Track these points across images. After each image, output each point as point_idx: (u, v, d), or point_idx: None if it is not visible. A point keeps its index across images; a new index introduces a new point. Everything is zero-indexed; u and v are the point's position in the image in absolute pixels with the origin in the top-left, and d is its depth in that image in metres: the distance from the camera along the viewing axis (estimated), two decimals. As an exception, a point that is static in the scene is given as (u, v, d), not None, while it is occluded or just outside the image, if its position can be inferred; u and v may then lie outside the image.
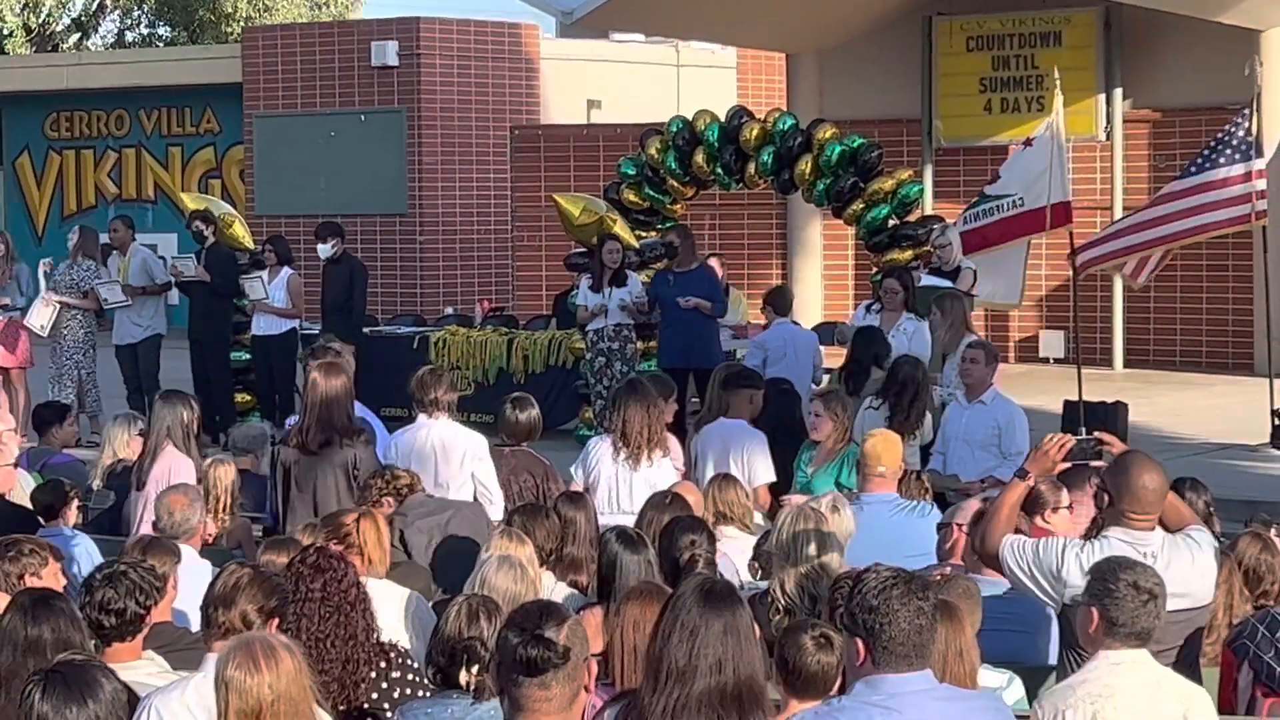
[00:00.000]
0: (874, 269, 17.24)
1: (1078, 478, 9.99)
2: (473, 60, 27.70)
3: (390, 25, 27.68)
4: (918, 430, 12.10)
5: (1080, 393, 16.04)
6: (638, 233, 18.17)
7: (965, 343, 13.52)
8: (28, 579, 7.45)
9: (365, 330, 18.80)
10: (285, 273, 18.00)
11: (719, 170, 17.94)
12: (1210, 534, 7.24)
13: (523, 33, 28.68)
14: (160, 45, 41.33)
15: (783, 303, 16.08)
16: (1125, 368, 22.21)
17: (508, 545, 7.75)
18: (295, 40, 28.37)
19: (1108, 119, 22.46)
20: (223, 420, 17.11)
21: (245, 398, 18.42)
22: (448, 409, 10.73)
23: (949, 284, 16.27)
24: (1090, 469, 10.22)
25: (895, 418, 11.89)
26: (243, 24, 37.90)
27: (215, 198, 23.03)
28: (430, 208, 27.26)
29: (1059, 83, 17.27)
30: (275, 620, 6.30)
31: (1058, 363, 22.14)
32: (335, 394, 10.17)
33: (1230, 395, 19.80)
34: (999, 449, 11.89)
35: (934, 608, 5.37)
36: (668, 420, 11.42)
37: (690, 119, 18.12)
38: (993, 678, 6.78)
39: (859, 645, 5.33)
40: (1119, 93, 22.42)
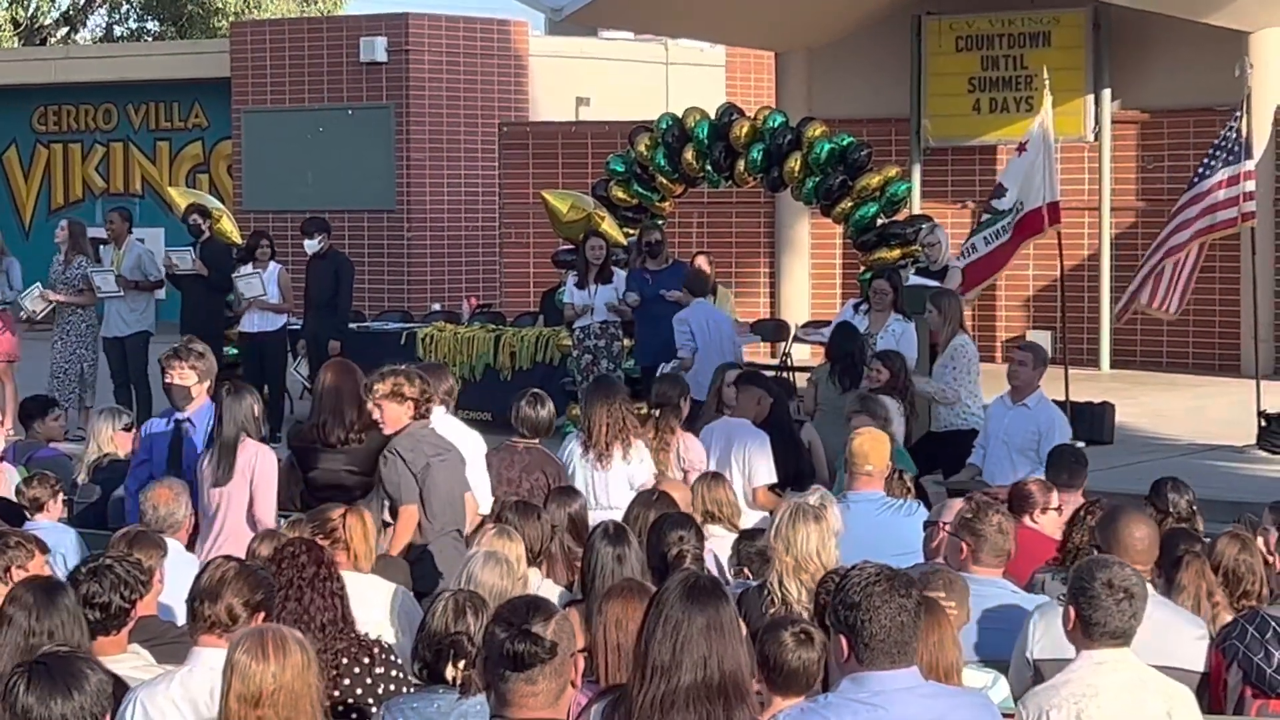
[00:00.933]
0: (862, 268, 17.25)
1: (1075, 478, 10.05)
2: (461, 56, 27.69)
3: (379, 21, 27.67)
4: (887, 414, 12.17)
5: (1067, 393, 16.06)
6: (625, 230, 18.17)
7: (954, 340, 13.65)
8: (14, 571, 7.45)
9: (352, 326, 18.80)
10: (275, 268, 18.01)
11: (708, 167, 17.93)
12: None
13: (512, 29, 28.67)
14: (148, 40, 41.29)
15: (699, 285, 16.37)
16: (1112, 368, 22.22)
17: (496, 542, 7.76)
18: (284, 35, 28.36)
19: (1096, 119, 22.48)
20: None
21: (232, 394, 18.37)
22: (446, 405, 10.74)
23: (936, 284, 16.30)
24: (1084, 470, 10.29)
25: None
26: (231, 19, 37.87)
27: (203, 192, 23.01)
28: (418, 204, 27.26)
29: (1048, 83, 17.29)
30: (261, 614, 6.32)
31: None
32: (350, 389, 10.19)
33: (1217, 396, 19.84)
34: (1037, 453, 11.87)
35: (917, 605, 5.38)
36: (683, 414, 11.47)
37: (679, 116, 18.11)
38: (978, 677, 6.79)
39: (843, 642, 5.35)
40: (1107, 93, 22.44)
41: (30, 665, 5.25)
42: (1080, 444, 12.42)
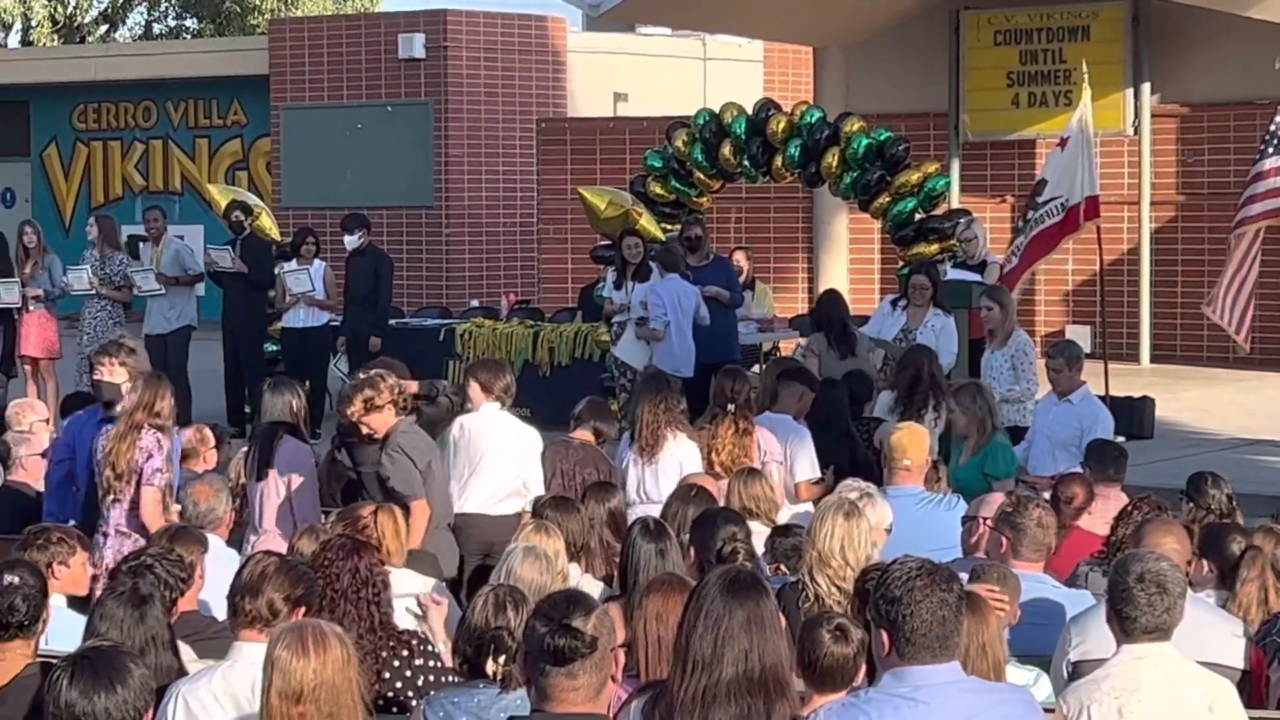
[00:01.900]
0: (900, 263, 17.24)
1: (1113, 471, 10.05)
2: (499, 53, 27.72)
3: (417, 17, 27.71)
4: (925, 415, 12.16)
5: (1107, 388, 16.00)
6: (663, 225, 18.16)
7: (1014, 336, 13.66)
8: (55, 567, 7.49)
9: (391, 322, 18.82)
10: (320, 265, 18.04)
11: (746, 163, 17.93)
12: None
13: (549, 25, 28.68)
14: (187, 37, 41.42)
15: (671, 260, 16.55)
16: (1152, 363, 22.17)
17: (535, 537, 7.79)
18: (322, 32, 28.42)
19: (1135, 114, 22.41)
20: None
21: (273, 390, 18.42)
22: (503, 401, 10.77)
23: (976, 277, 16.28)
24: (1123, 463, 10.29)
25: (908, 409, 12.01)
26: (269, 16, 37.96)
27: (242, 189, 23.07)
28: (457, 200, 27.29)
29: (1087, 77, 17.23)
30: (302, 609, 6.34)
31: (1085, 358, 22.10)
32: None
33: (1258, 391, 19.77)
34: (1079, 448, 11.84)
35: (958, 599, 5.37)
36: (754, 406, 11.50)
37: (717, 111, 18.11)
38: (1020, 674, 6.79)
39: (884, 636, 5.35)
40: (1147, 87, 22.38)
41: (74, 660, 5.28)
42: (1120, 439, 12.38)
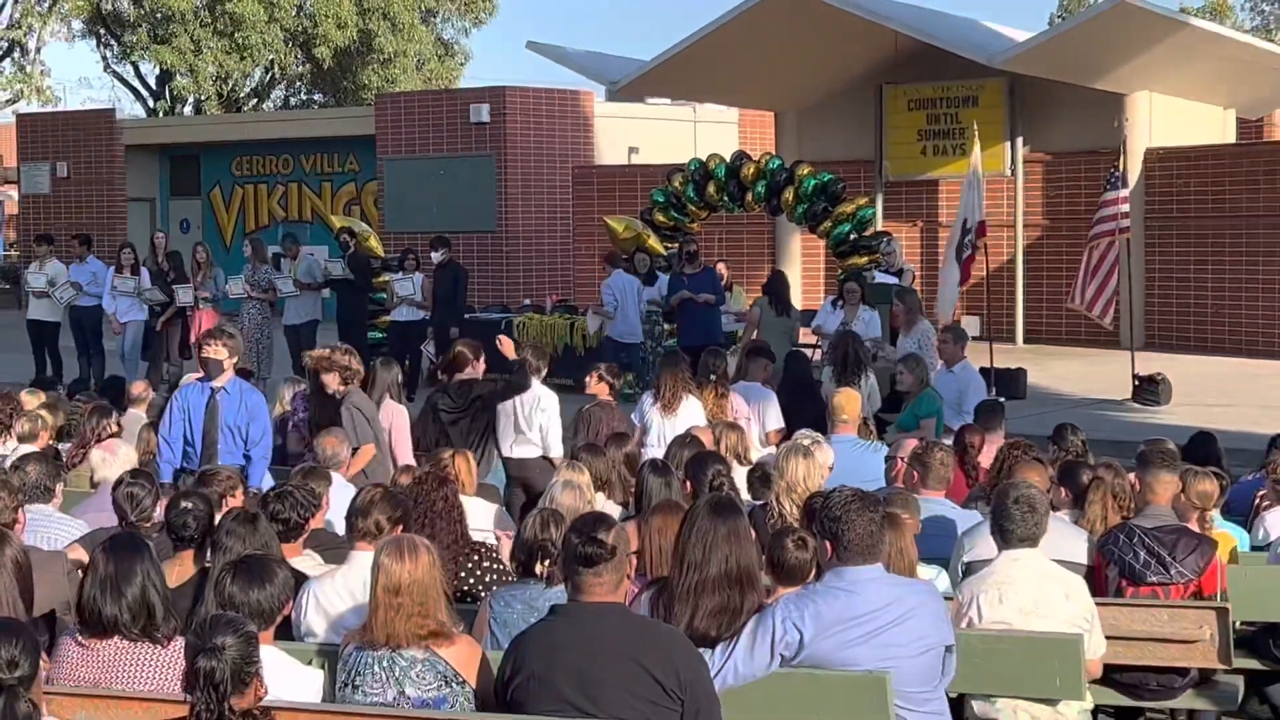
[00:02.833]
0: (839, 271, 17.20)
1: (994, 422, 10.02)
2: (544, 117, 27.65)
3: (484, 92, 27.64)
4: (860, 384, 12.17)
5: (991, 361, 16.01)
6: (665, 244, 18.14)
7: (918, 325, 13.64)
8: (227, 500, 7.52)
9: (466, 316, 18.82)
10: (419, 276, 18.04)
11: (725, 198, 17.89)
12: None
13: (581, 97, 28.60)
14: (315, 106, 41.35)
15: (617, 258, 17.02)
16: (1025, 343, 22.13)
17: (570, 473, 7.79)
18: (414, 103, 28.35)
19: (1012, 159, 22.35)
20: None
21: (378, 367, 18.44)
22: (538, 375, 10.78)
23: (895, 280, 16.26)
24: (1001, 416, 10.27)
25: (843, 376, 12.06)
26: (375, 91, 37.90)
27: (356, 219, 23.03)
28: (513, 226, 27.25)
29: (976, 133, 17.18)
30: (399, 527, 6.33)
31: (975, 340, 22.03)
32: (472, 356, 10.31)
33: (1103, 364, 19.73)
34: (959, 406, 11.86)
35: (883, 518, 5.39)
36: (729, 377, 11.54)
37: (704, 160, 18.07)
38: (926, 571, 6.78)
39: (828, 545, 5.35)
40: (1020, 140, 22.31)
41: (235, 564, 5.29)
42: (1001, 399, 12.37)
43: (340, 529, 7.31)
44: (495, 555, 7.04)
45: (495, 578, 6.88)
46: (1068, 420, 9.72)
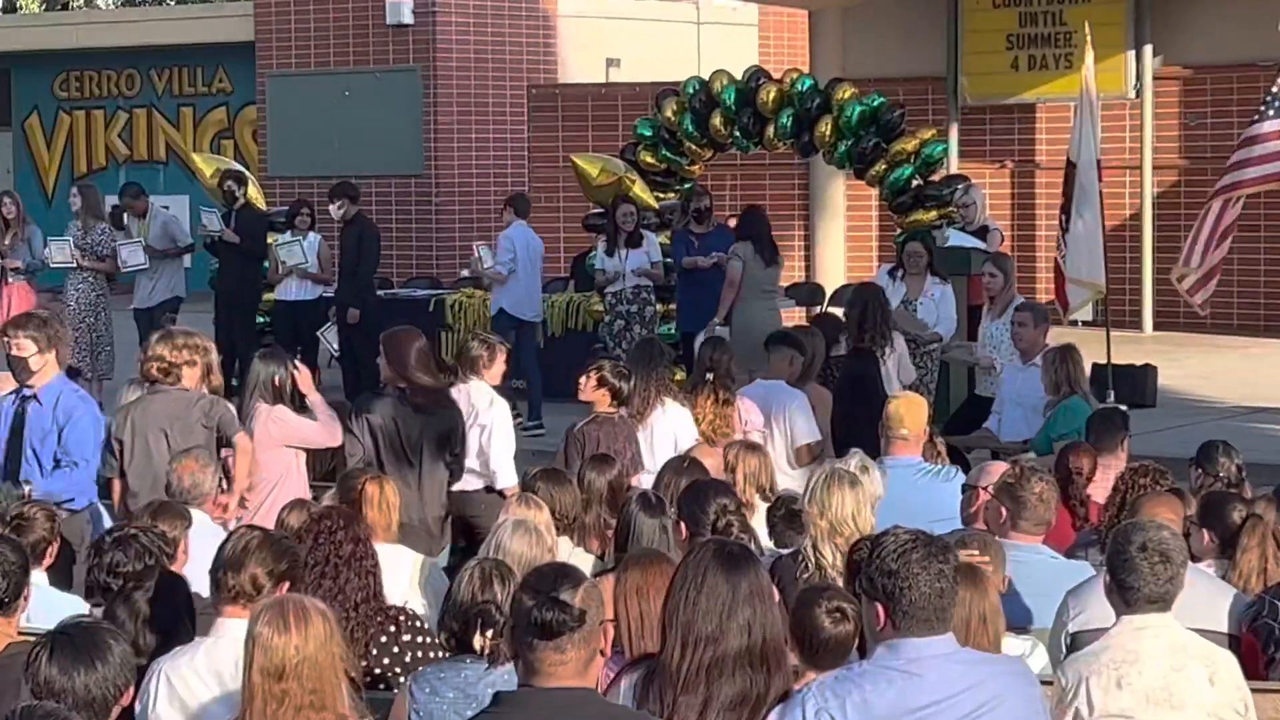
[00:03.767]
0: (898, 230, 17.22)
1: (1113, 440, 10.04)
2: (489, 17, 27.64)
3: (406, -18, 27.63)
4: (885, 352, 12.42)
5: (1109, 356, 15.98)
6: (656, 194, 18.13)
7: (1013, 305, 13.66)
8: (50, 552, 7.52)
9: (380, 293, 18.80)
10: (315, 237, 18.01)
11: (737, 133, 17.86)
12: None
13: (540, -11, 28.62)
14: (171, 3, 41.30)
15: (524, 205, 17.84)
16: (1154, 330, 22.18)
17: (524, 510, 7.78)
18: (309, -2, 28.34)
19: (1138, 76, 22.39)
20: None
21: (262, 362, 18.42)
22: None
23: (978, 243, 16.28)
24: (1123, 432, 10.29)
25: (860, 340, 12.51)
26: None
27: (228, 158, 23.04)
28: (446, 169, 27.23)
29: (1089, 39, 17.17)
30: (286, 584, 6.32)
31: (1086, 325, 22.09)
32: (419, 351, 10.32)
33: (1262, 358, 19.78)
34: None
35: (955, 571, 5.37)
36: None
37: (706, 80, 18.00)
38: (1015, 645, 6.78)
39: (879, 610, 5.34)
40: (1149, 50, 22.35)
41: (53, 636, 5.27)
42: (1120, 407, 12.39)
43: (204, 587, 7.30)
44: (420, 625, 7.04)
45: (418, 654, 6.88)
46: (1211, 437, 9.73)
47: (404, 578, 7.86)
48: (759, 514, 8.97)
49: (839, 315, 14.10)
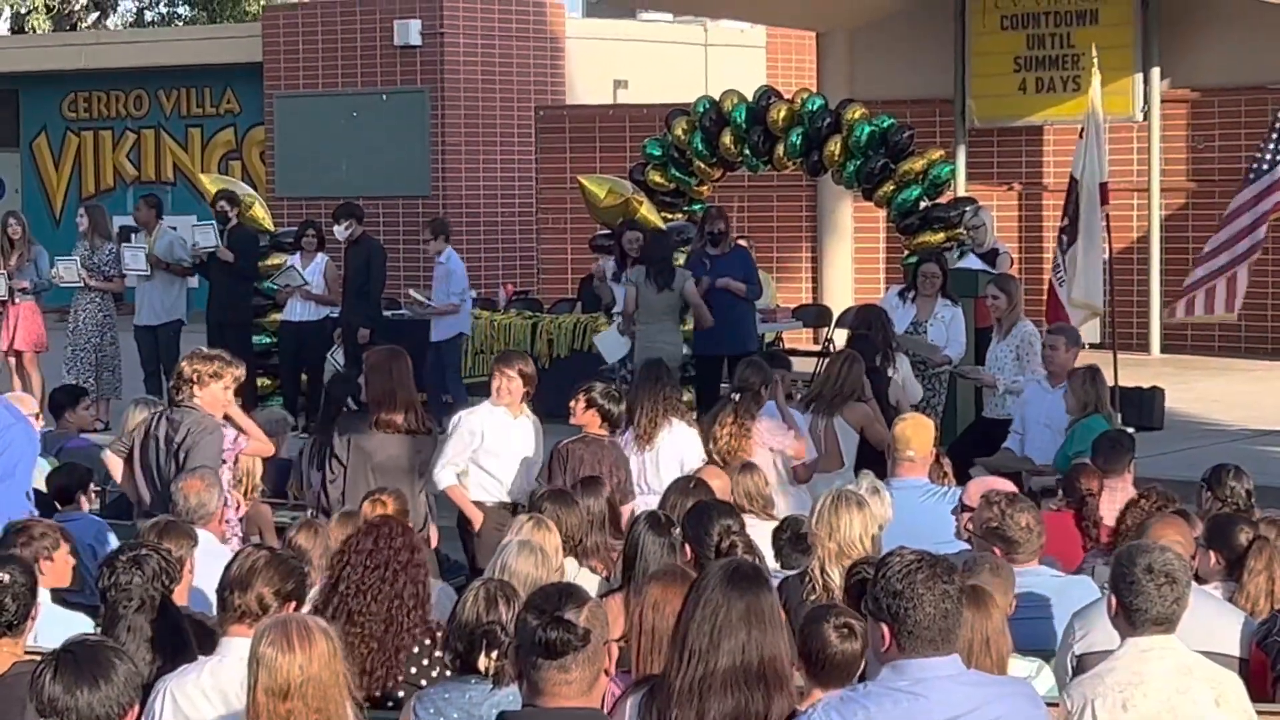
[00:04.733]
0: (905, 251, 17.22)
1: (1118, 463, 10.03)
2: (497, 39, 27.69)
3: (413, 3, 27.66)
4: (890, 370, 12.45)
5: (1116, 378, 15.97)
6: (664, 215, 18.14)
7: (1019, 326, 13.70)
8: (41, 563, 7.50)
9: (387, 313, 18.81)
10: (322, 258, 18.01)
11: (746, 152, 17.89)
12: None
13: (548, 11, 28.64)
14: (179, 24, 41.41)
15: (443, 228, 18.26)
16: (1162, 353, 22.15)
17: (533, 532, 7.79)
18: (316, 19, 28.37)
19: (1145, 99, 22.39)
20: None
21: (266, 382, 18.43)
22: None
23: (986, 267, 16.28)
24: (1129, 455, 10.28)
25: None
26: (262, 3, 37.94)
27: (235, 179, 23.06)
28: (454, 189, 27.26)
29: (1096, 61, 17.19)
30: (292, 604, 6.33)
31: (1093, 348, 22.01)
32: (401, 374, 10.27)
33: (1270, 381, 19.75)
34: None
35: (960, 591, 5.37)
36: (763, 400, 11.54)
37: (717, 99, 18.07)
38: (1022, 666, 6.78)
39: (884, 630, 5.34)
40: (1156, 72, 22.35)
41: (58, 655, 5.26)
42: (1129, 429, 12.38)
43: (210, 607, 7.30)
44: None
45: (444, 672, 6.88)
46: (1220, 460, 9.71)
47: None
48: (762, 532, 8.98)
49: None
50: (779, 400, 11.68)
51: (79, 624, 7.28)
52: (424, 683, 6.88)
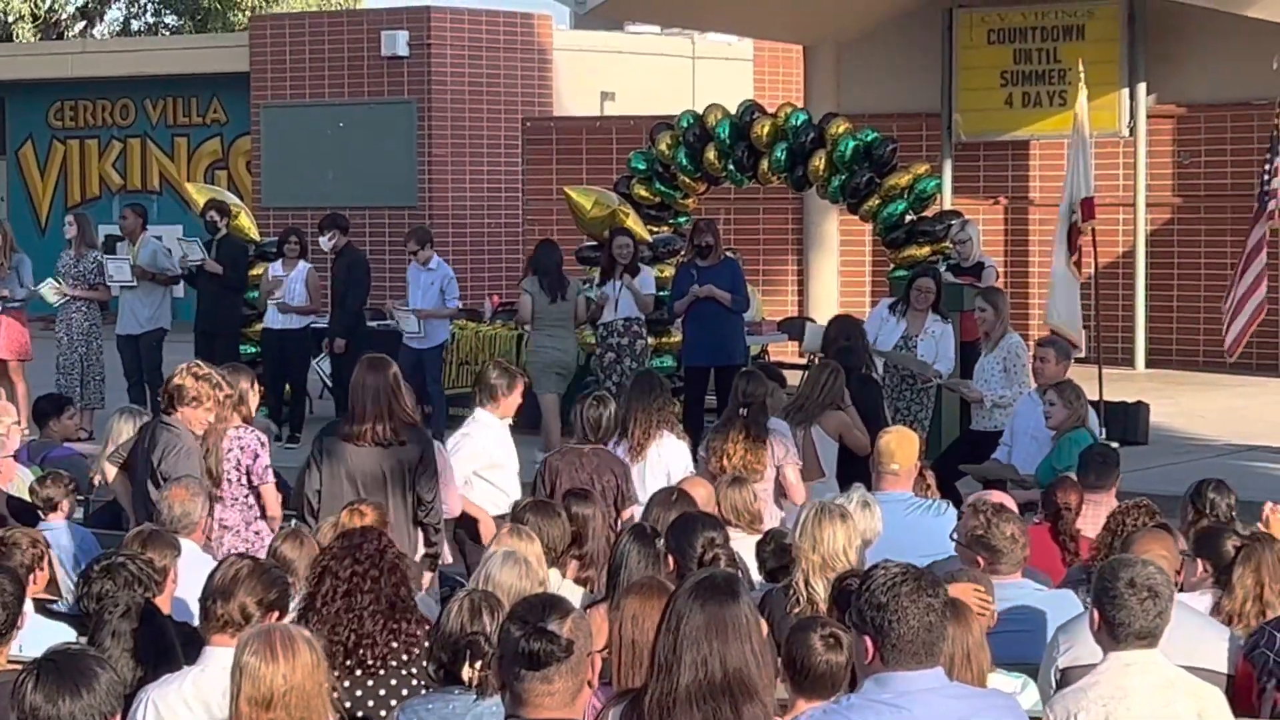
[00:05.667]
0: (891, 265, 17.24)
1: (1104, 478, 10.03)
2: (484, 50, 27.71)
3: (401, 14, 27.70)
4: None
5: (1101, 393, 15.99)
6: (650, 227, 18.15)
7: (1006, 339, 13.73)
8: (35, 574, 7.52)
9: (372, 324, 18.79)
10: (304, 267, 17.96)
11: (731, 167, 17.88)
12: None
13: (535, 23, 28.68)
14: (166, 34, 41.37)
15: (426, 235, 18.22)
16: (1147, 368, 22.18)
17: (514, 542, 7.78)
18: (304, 29, 28.39)
19: (1131, 114, 22.43)
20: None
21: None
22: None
23: (968, 281, 16.28)
24: (1115, 470, 10.28)
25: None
26: (250, 12, 37.93)
27: (222, 189, 23.04)
28: (440, 200, 27.28)
29: (1083, 76, 17.21)
30: (275, 613, 6.32)
31: (1079, 362, 22.02)
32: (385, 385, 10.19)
33: (1255, 396, 19.78)
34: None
35: (944, 605, 5.37)
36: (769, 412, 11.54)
37: (701, 114, 18.04)
38: (1007, 682, 6.77)
39: (867, 643, 5.33)
40: (1142, 87, 22.39)
41: (39, 663, 5.24)
42: (1114, 444, 12.38)
43: (193, 617, 7.29)
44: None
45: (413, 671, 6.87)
46: (1204, 475, 9.71)
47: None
48: (747, 545, 8.97)
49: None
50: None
51: (62, 634, 7.26)
52: (405, 693, 6.87)
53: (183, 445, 9.70)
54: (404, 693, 6.87)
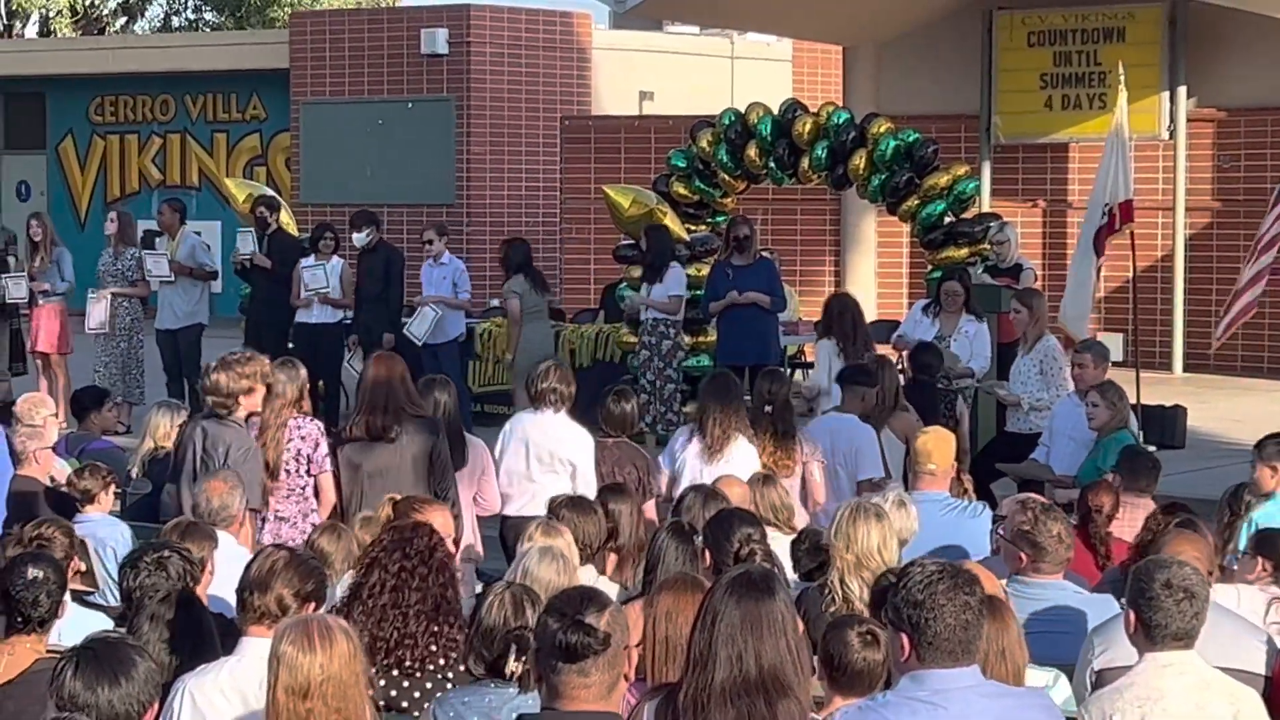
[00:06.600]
0: (929, 266, 17.22)
1: (1146, 483, 10.02)
2: (523, 49, 27.74)
3: (440, 12, 27.74)
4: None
5: (1138, 396, 15.96)
6: (687, 226, 18.16)
7: (1043, 340, 13.72)
8: (76, 561, 7.58)
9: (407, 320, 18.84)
10: (339, 262, 18.02)
11: (772, 164, 17.88)
12: None
13: (575, 22, 28.70)
14: (206, 30, 41.51)
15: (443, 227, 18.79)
16: (1185, 372, 22.12)
17: (548, 538, 7.80)
18: (344, 26, 28.45)
19: (1171, 117, 22.36)
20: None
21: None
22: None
23: (1007, 283, 16.27)
24: (1156, 475, 10.27)
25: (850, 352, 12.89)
26: (290, 9, 38.02)
27: (261, 184, 23.10)
28: (478, 198, 27.31)
29: (1123, 79, 17.18)
30: (311, 604, 6.34)
31: (1116, 366, 22.00)
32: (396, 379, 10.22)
33: (1296, 402, 19.70)
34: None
35: (980, 603, 5.37)
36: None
37: (743, 112, 18.05)
38: (1038, 676, 6.79)
39: (904, 640, 5.35)
40: (1183, 91, 22.33)
41: (79, 651, 5.28)
42: (1151, 448, 12.36)
43: (228, 608, 7.32)
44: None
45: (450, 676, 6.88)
46: (1245, 479, 9.69)
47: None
48: (782, 544, 8.98)
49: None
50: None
51: (99, 623, 7.31)
52: (449, 687, 6.88)
53: (250, 446, 9.80)
54: (437, 696, 6.88)
